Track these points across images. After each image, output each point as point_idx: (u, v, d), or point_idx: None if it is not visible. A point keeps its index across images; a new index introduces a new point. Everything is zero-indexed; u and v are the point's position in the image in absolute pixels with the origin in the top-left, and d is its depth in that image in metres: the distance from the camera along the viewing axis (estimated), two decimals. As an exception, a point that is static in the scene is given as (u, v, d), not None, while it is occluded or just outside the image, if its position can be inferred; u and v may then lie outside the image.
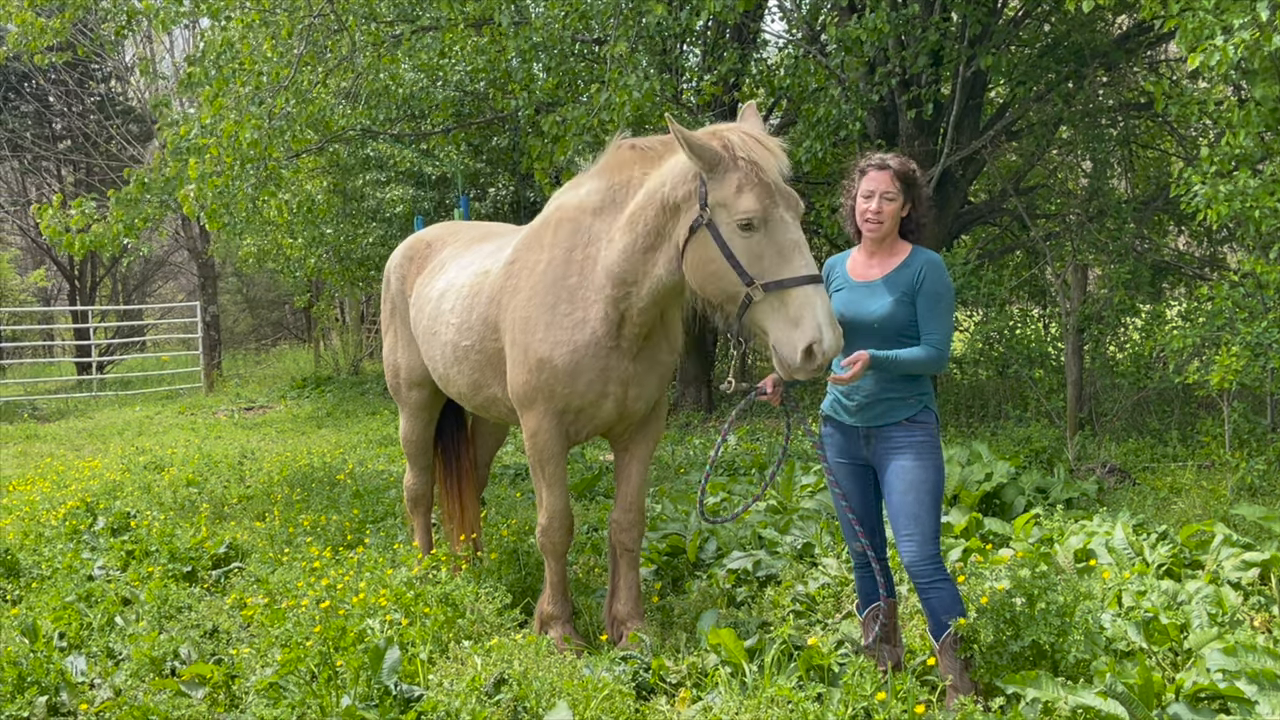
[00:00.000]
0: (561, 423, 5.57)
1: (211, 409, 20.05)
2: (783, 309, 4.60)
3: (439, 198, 18.13)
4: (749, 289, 4.67)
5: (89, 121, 26.71)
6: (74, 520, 8.88)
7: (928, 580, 4.75)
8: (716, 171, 4.75)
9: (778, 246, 4.65)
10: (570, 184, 5.83)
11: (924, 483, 4.73)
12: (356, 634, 5.54)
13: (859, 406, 4.86)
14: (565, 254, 5.49)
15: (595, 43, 12.81)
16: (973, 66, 11.16)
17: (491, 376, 5.97)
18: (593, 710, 4.76)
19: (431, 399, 7.04)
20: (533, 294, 5.53)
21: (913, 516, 4.72)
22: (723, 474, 10.53)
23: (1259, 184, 7.18)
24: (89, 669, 5.75)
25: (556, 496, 5.72)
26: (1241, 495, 8.08)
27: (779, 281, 4.61)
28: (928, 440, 4.79)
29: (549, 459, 5.66)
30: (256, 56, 10.28)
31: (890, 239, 4.89)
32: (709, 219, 4.78)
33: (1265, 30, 6.36)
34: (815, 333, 4.48)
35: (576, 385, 5.43)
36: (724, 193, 4.72)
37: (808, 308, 4.53)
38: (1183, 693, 4.58)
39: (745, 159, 4.71)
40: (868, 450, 4.91)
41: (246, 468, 11.88)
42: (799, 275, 4.59)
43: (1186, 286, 13.31)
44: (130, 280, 33.63)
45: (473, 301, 6.00)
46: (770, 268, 4.65)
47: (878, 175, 4.81)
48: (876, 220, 4.81)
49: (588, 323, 5.38)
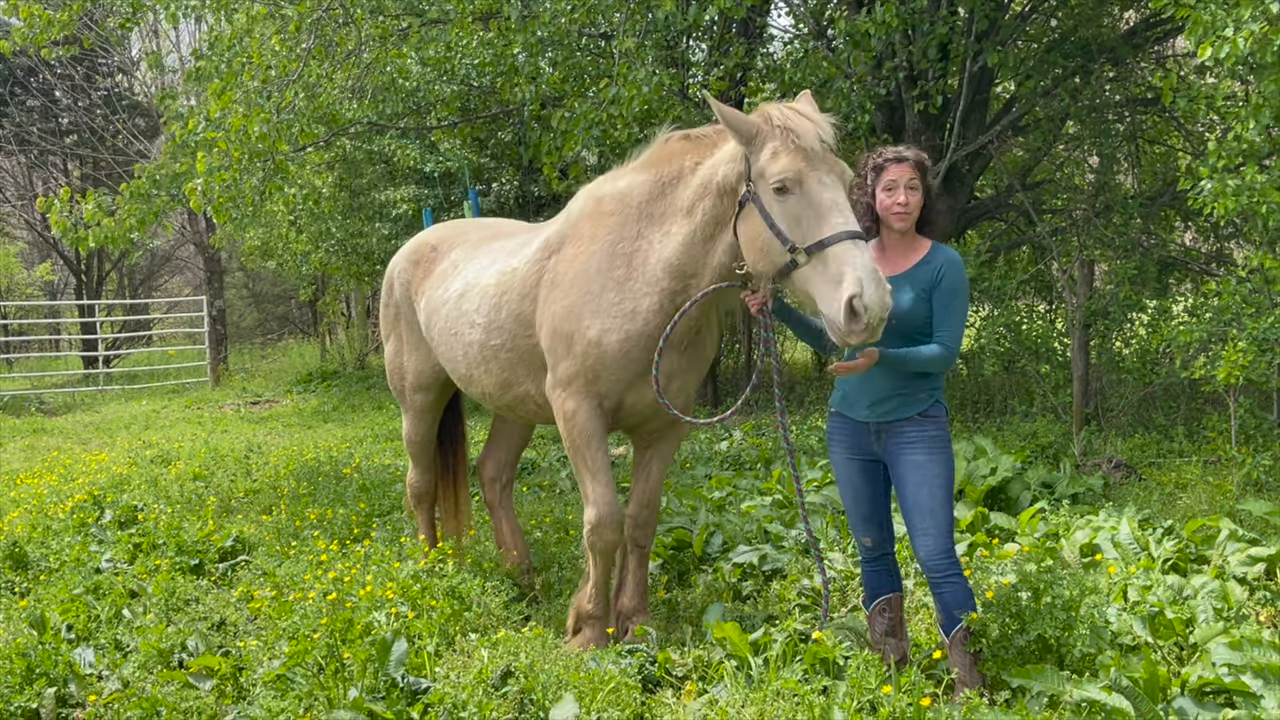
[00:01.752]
0: (601, 406, 5.44)
1: (218, 403, 20.08)
2: (824, 269, 4.48)
3: (444, 194, 18.13)
4: (793, 254, 4.58)
5: (95, 116, 26.74)
6: (81, 513, 8.91)
7: (942, 574, 4.76)
8: (755, 143, 4.71)
9: (815, 207, 4.56)
10: (607, 177, 5.73)
11: (937, 477, 4.74)
12: (364, 626, 5.55)
13: (871, 402, 4.85)
14: (609, 246, 5.39)
15: (602, 37, 12.81)
16: (980, 61, 11.14)
17: (524, 374, 5.87)
18: (599, 703, 4.77)
19: (436, 402, 7.00)
20: (573, 285, 5.43)
21: (927, 511, 4.73)
22: (728, 469, 10.54)
23: (1266, 179, 7.17)
24: (97, 661, 5.77)
25: (603, 487, 5.48)
26: (1247, 490, 8.07)
27: (819, 241, 4.50)
28: (939, 434, 4.79)
29: (589, 439, 5.45)
30: (265, 50, 10.28)
31: (910, 233, 4.88)
32: (753, 191, 4.74)
33: (1275, 24, 6.35)
34: (855, 286, 4.33)
35: (625, 373, 5.33)
36: (762, 163, 4.68)
37: (846, 263, 4.40)
38: (1188, 687, 4.58)
39: (781, 127, 4.66)
40: (878, 445, 4.90)
41: (253, 461, 11.91)
42: (837, 232, 4.48)
43: (1193, 282, 13.29)
44: (136, 274, 33.67)
45: (501, 300, 5.88)
46: (810, 229, 4.55)
47: (898, 167, 4.80)
48: (904, 211, 4.79)
49: (639, 314, 5.27)
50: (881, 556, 5.12)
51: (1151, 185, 13.72)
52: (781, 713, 4.53)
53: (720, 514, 8.07)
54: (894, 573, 5.17)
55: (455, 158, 16.35)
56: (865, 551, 5.14)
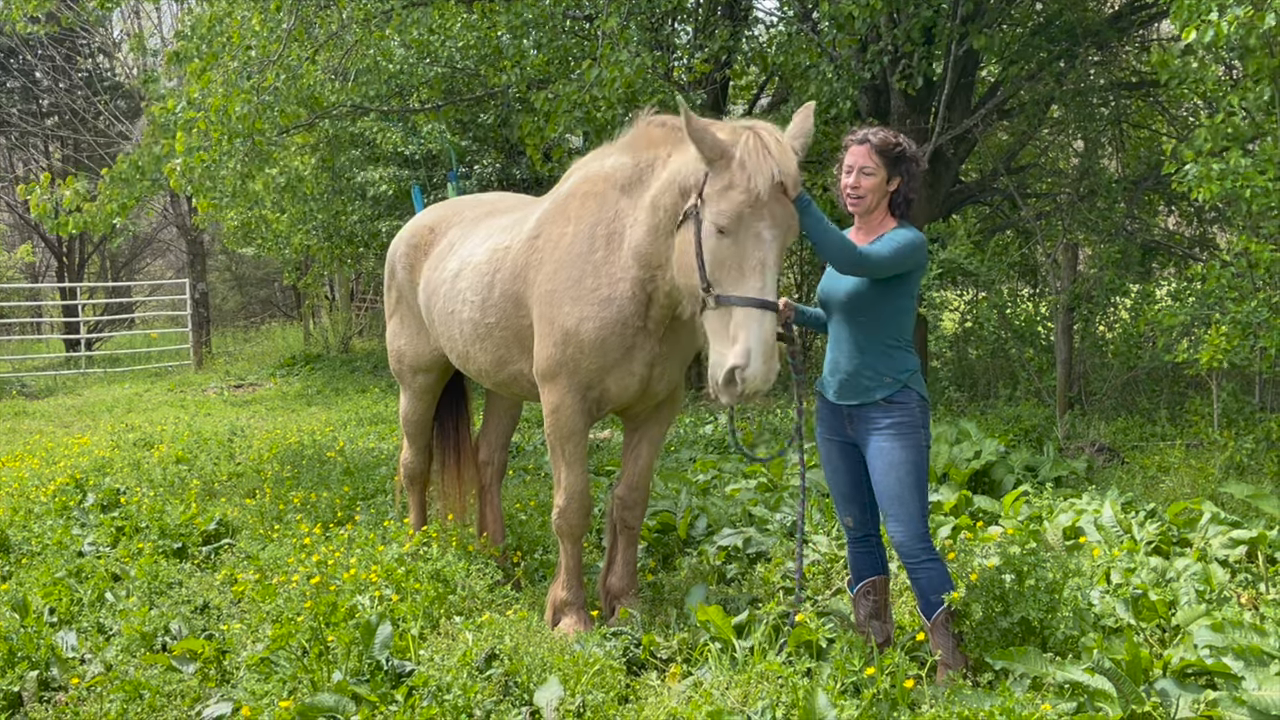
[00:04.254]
0: (585, 399, 5.45)
1: (201, 386, 20.00)
2: (725, 324, 4.52)
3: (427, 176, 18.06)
4: (705, 294, 4.60)
5: (77, 97, 26.55)
6: (63, 497, 8.87)
7: (916, 560, 4.77)
8: (715, 166, 4.59)
9: (741, 260, 4.52)
10: (596, 154, 5.71)
11: (904, 463, 4.71)
12: (348, 609, 5.54)
13: (838, 385, 4.86)
14: (589, 228, 5.37)
15: (586, 19, 12.75)
16: (965, 45, 11.12)
17: (517, 353, 5.86)
18: (584, 685, 4.78)
19: (436, 382, 6.97)
20: (558, 268, 5.42)
21: (895, 497, 4.73)
22: (713, 452, 10.55)
23: (1250, 163, 7.19)
24: (80, 644, 5.75)
25: (576, 476, 5.58)
26: (1229, 474, 8.11)
27: (729, 297, 4.51)
28: (906, 420, 4.74)
29: (569, 435, 5.52)
30: (245, 31, 10.21)
31: (879, 215, 4.82)
32: (697, 212, 4.66)
33: (1260, 7, 6.35)
34: (743, 358, 4.40)
35: (604, 360, 5.32)
36: (714, 188, 4.58)
37: (744, 331, 4.43)
38: (1170, 669, 4.60)
39: (740, 159, 4.51)
40: (851, 429, 4.91)
41: (236, 445, 11.86)
42: (749, 297, 4.47)
43: (1176, 266, 13.33)
44: (119, 257, 33.48)
45: (494, 279, 5.87)
46: (728, 279, 4.54)
47: (857, 150, 4.74)
48: (855, 195, 4.75)
49: (614, 300, 5.26)
50: (865, 538, 5.12)
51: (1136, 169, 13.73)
52: (765, 694, 4.54)
53: (705, 497, 8.08)
54: (879, 555, 5.17)
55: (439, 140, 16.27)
56: (848, 532, 5.15)
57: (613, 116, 10.44)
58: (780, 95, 14.93)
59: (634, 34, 10.44)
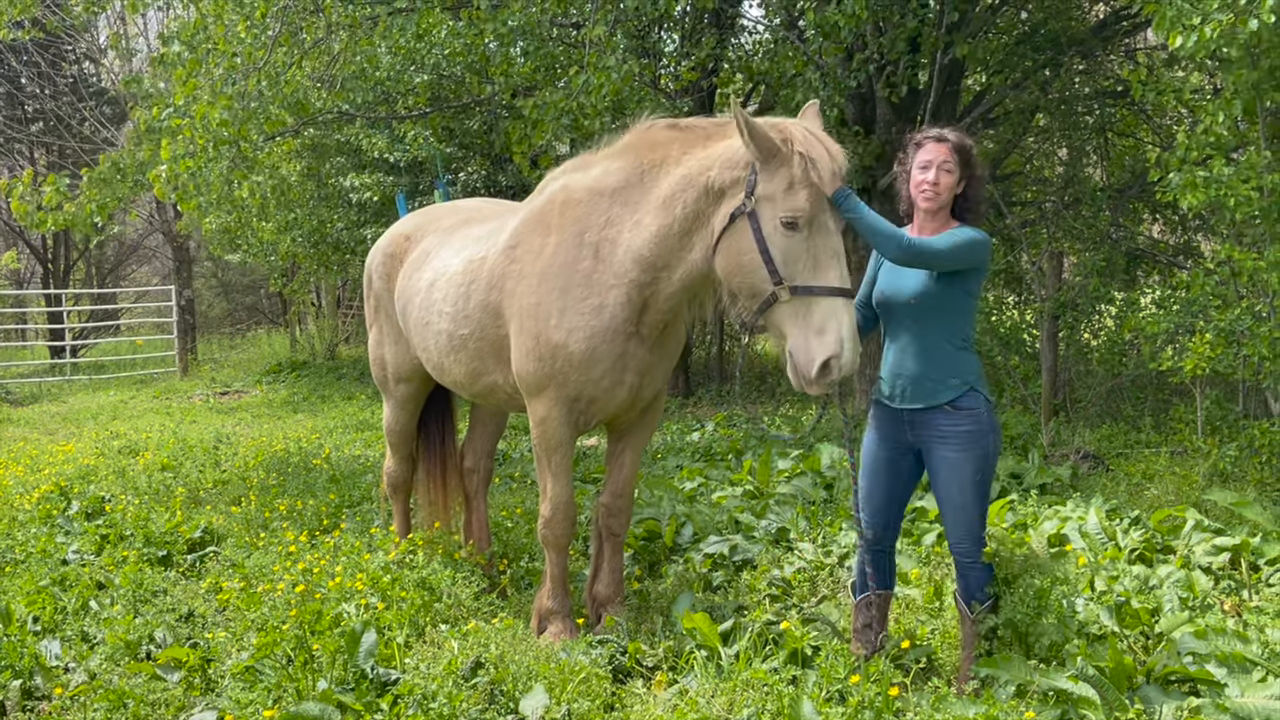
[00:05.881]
0: (572, 411, 5.43)
1: (186, 393, 19.95)
2: (807, 316, 4.52)
3: (413, 183, 18.05)
4: (776, 288, 4.58)
5: (62, 103, 26.44)
6: (48, 504, 8.84)
7: (969, 560, 4.88)
8: (771, 164, 4.59)
9: (816, 251, 4.54)
10: (576, 164, 5.64)
11: (969, 474, 4.73)
12: (333, 618, 5.53)
13: (901, 389, 4.82)
14: (576, 237, 5.32)
15: (574, 27, 12.76)
16: (950, 54, 11.17)
17: (493, 364, 5.83)
18: (569, 693, 4.77)
19: (418, 391, 6.92)
20: (541, 279, 5.36)
21: (958, 507, 4.79)
22: (699, 460, 10.56)
23: (1234, 171, 7.23)
24: (64, 653, 5.73)
25: (561, 487, 5.59)
26: (1213, 481, 8.14)
27: (809, 288, 4.52)
28: (973, 429, 4.72)
29: (556, 447, 5.52)
30: (230, 38, 10.19)
31: (943, 216, 4.81)
32: (752, 209, 4.65)
33: (1241, 15, 6.39)
34: (837, 347, 4.42)
35: (592, 373, 5.29)
36: (773, 186, 4.58)
37: (834, 320, 4.46)
38: (1154, 675, 4.63)
39: (803, 154, 4.54)
40: (911, 435, 4.87)
41: (222, 452, 11.83)
42: (832, 285, 4.51)
43: (1160, 274, 13.39)
44: (104, 263, 33.36)
45: (469, 289, 5.82)
46: (804, 271, 4.55)
47: (935, 146, 4.75)
48: (933, 190, 4.73)
49: (605, 308, 5.22)
50: (880, 552, 5.11)
51: (1120, 178, 13.79)
52: (751, 702, 4.54)
53: (691, 505, 8.09)
54: (889, 568, 5.17)
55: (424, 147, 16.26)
56: (863, 541, 5.10)
57: (600, 124, 10.44)
58: (767, 103, 14.97)
59: (621, 42, 10.46)
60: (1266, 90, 7.37)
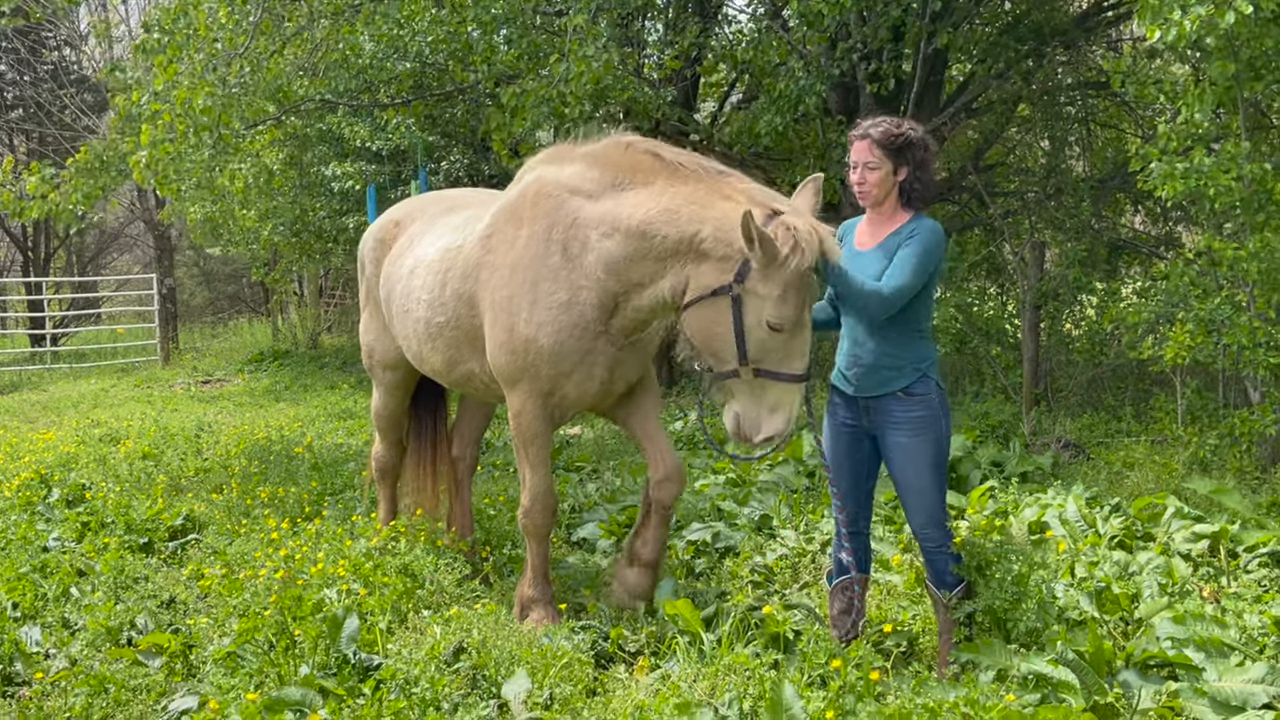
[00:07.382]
0: (546, 404, 5.48)
1: (168, 382, 19.87)
2: (763, 393, 4.71)
3: (395, 171, 17.97)
4: (741, 367, 4.72)
5: (42, 90, 26.26)
6: (28, 492, 8.80)
7: (934, 545, 4.92)
8: (770, 267, 4.58)
9: (789, 348, 4.68)
10: (551, 156, 5.63)
11: (923, 458, 4.78)
12: (314, 604, 5.52)
13: (856, 377, 4.85)
14: (545, 231, 5.33)
15: (556, 15, 12.72)
16: (934, 43, 11.18)
17: (469, 353, 5.84)
18: (552, 678, 4.78)
19: (405, 379, 6.90)
20: (514, 270, 5.38)
21: (916, 491, 4.84)
22: (682, 448, 10.56)
23: (1214, 162, 7.26)
24: (44, 639, 5.72)
25: (540, 477, 5.63)
26: (1193, 469, 8.19)
27: (775, 374, 4.68)
28: (926, 415, 4.77)
29: (533, 439, 5.57)
30: (212, 24, 10.13)
31: (889, 206, 4.80)
32: (737, 294, 4.69)
33: (1220, 6, 6.42)
34: (783, 425, 4.66)
35: (561, 366, 5.32)
36: (766, 287, 4.61)
37: (787, 401, 4.68)
38: (1133, 660, 4.65)
39: (798, 265, 4.53)
40: (867, 420, 4.91)
41: (204, 440, 11.79)
42: (796, 373, 4.68)
43: (1142, 265, 13.45)
44: (85, 252, 33.14)
45: (445, 277, 5.84)
46: (771, 360, 4.69)
47: (859, 145, 4.75)
48: (861, 190, 4.77)
49: (575, 305, 5.25)
50: (855, 534, 5.13)
51: (1102, 169, 13.85)
52: (732, 686, 4.56)
53: (674, 492, 8.07)
54: (865, 553, 5.21)
55: (407, 135, 16.18)
56: (839, 526, 5.11)
57: (581, 112, 10.42)
58: (751, 92, 14.96)
59: (603, 30, 10.42)
60: (1246, 81, 7.42)
